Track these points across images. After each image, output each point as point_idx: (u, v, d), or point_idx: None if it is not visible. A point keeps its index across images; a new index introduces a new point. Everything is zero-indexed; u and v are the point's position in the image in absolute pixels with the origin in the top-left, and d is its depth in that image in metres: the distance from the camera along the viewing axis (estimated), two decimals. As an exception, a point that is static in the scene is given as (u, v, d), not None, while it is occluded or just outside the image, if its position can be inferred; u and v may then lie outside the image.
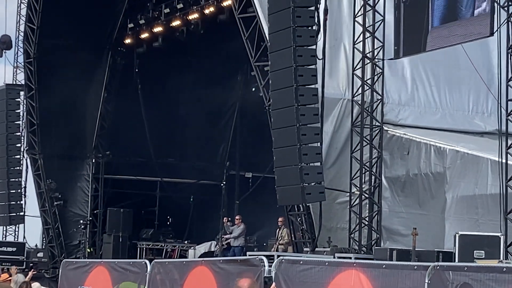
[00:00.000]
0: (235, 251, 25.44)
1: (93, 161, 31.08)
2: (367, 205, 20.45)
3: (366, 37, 20.67)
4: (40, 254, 30.75)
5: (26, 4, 30.25)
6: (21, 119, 31.48)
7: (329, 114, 21.23)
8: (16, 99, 31.24)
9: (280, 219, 23.25)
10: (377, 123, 20.78)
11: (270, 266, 12.69)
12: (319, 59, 20.51)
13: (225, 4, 25.70)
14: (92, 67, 30.59)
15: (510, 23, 16.95)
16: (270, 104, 20.77)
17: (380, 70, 20.74)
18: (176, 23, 28.51)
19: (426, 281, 10.18)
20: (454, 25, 17.80)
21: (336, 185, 21.00)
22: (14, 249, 30.32)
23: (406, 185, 20.81)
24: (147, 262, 15.85)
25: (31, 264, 29.15)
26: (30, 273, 18.82)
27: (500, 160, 17.01)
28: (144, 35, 30.02)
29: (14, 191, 31.32)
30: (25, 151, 31.20)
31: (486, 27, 16.90)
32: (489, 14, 16.81)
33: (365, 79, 20.65)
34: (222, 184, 28.64)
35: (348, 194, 20.65)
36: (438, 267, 10.16)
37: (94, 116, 30.84)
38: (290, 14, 19.59)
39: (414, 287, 10.36)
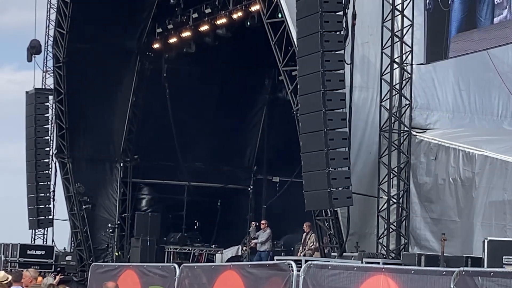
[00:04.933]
0: (262, 255, 25.42)
1: (121, 165, 31.26)
2: (395, 210, 20.38)
3: (394, 42, 20.60)
4: (69, 258, 30.91)
5: (55, 9, 30.44)
6: (50, 123, 31.73)
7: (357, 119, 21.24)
8: (45, 103, 31.48)
9: (306, 224, 23.23)
10: (405, 128, 20.70)
11: (298, 271, 12.70)
12: (347, 63, 20.51)
13: (253, 9, 25.76)
14: (121, 72, 30.75)
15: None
16: (298, 108, 20.79)
17: (409, 75, 20.67)
18: (204, 28, 28.60)
19: (452, 286, 10.16)
20: (476, 32, 17.74)
21: (364, 190, 20.97)
22: (43, 252, 30.50)
23: (434, 190, 20.71)
24: (176, 266, 15.91)
25: (58, 269, 29.31)
26: (58, 277, 18.94)
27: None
28: (172, 40, 30.13)
29: (43, 194, 31.57)
30: (54, 155, 31.40)
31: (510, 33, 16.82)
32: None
33: (393, 84, 20.59)
34: (249, 189, 28.78)
35: (376, 199, 20.61)
36: (463, 272, 10.14)
37: (122, 120, 31.01)
38: (318, 19, 19.60)
39: (442, 293, 10.36)
